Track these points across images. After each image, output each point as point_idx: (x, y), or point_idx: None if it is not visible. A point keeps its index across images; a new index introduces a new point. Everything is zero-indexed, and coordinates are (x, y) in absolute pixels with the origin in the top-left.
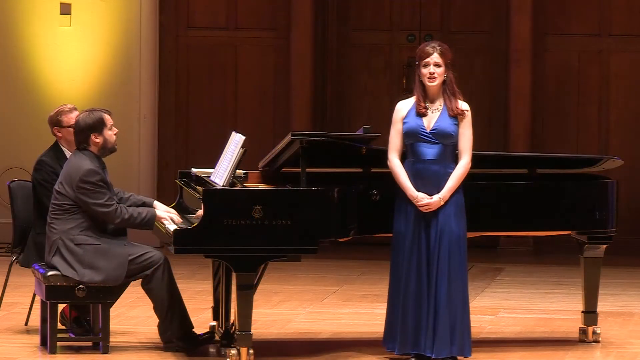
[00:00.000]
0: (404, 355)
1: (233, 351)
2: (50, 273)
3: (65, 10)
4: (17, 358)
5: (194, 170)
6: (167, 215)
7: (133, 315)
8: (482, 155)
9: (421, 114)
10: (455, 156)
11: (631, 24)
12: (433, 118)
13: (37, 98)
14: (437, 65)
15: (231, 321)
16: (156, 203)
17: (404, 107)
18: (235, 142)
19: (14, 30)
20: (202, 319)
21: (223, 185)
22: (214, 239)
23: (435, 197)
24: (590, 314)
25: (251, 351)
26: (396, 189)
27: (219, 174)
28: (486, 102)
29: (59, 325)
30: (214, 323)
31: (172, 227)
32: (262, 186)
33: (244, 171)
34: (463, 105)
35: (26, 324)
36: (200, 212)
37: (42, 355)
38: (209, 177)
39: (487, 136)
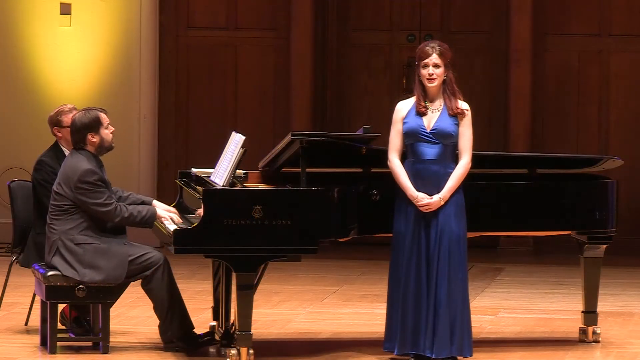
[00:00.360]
0: (404, 355)
1: (233, 351)
2: (50, 273)
3: (65, 10)
4: (17, 358)
5: (194, 170)
6: (167, 215)
7: (133, 315)
8: (482, 155)
9: (421, 114)
10: (456, 156)
11: (631, 24)
12: (433, 118)
13: (37, 98)
14: (436, 66)
15: (231, 321)
16: (155, 202)
17: (404, 107)
18: (235, 142)
19: (14, 30)
20: (202, 319)
21: (223, 185)
22: (214, 239)
23: (436, 197)
24: (590, 314)
25: (251, 351)
26: (396, 189)
27: (219, 174)
28: (486, 102)
29: (59, 325)
30: (214, 323)
31: (172, 227)
32: (262, 186)
33: (244, 171)
34: (463, 105)
35: (26, 324)
36: (201, 211)
37: (42, 355)
38: (209, 177)
39: (487, 136)
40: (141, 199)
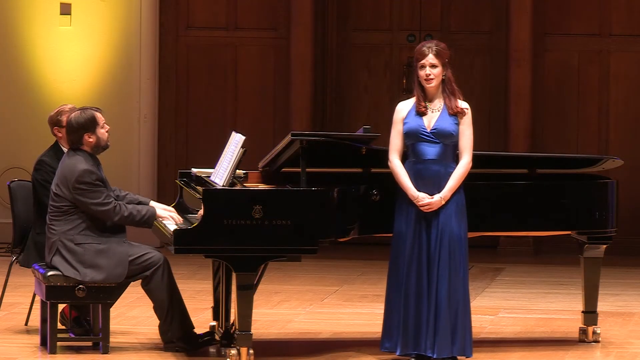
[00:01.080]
0: (405, 355)
1: (233, 351)
2: (50, 273)
3: (65, 10)
4: (17, 358)
5: (194, 170)
6: (168, 214)
7: (133, 315)
8: (482, 155)
9: (421, 114)
10: (456, 156)
11: (631, 24)
12: (433, 118)
13: (37, 98)
14: (433, 66)
15: (231, 321)
16: (153, 203)
17: (404, 107)
18: (235, 142)
19: (14, 30)
20: (202, 319)
21: (223, 185)
22: (214, 239)
23: (437, 197)
24: (590, 314)
25: (251, 351)
26: (397, 189)
27: (219, 174)
28: (486, 102)
29: (59, 325)
30: (214, 323)
31: (172, 227)
32: (262, 186)
33: (244, 171)
34: (462, 104)
35: (26, 324)
36: (202, 211)
37: (42, 355)
38: (209, 177)
39: (487, 136)
40: (138, 199)
